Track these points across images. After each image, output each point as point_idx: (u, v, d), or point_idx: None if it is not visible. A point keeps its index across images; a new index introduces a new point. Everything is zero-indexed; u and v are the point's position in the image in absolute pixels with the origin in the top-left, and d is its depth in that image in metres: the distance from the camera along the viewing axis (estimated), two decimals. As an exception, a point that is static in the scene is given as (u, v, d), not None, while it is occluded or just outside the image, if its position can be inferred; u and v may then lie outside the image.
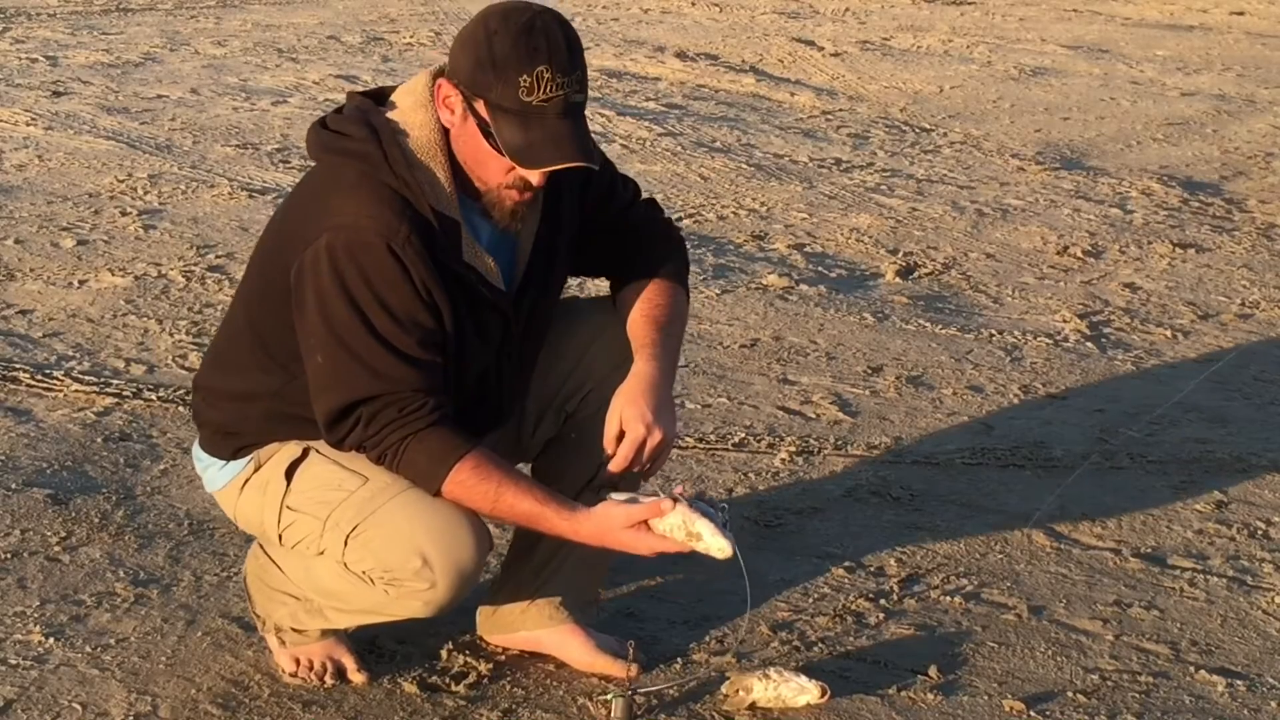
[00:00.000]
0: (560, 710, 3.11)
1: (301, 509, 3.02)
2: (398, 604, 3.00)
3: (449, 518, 2.92)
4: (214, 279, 5.53)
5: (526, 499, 2.87)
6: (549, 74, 2.80)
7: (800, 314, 5.51)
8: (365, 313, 2.83)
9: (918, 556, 3.83)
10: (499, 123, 2.82)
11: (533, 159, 2.83)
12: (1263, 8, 13.01)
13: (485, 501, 2.87)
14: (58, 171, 6.80)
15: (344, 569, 3.00)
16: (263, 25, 10.53)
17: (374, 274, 2.83)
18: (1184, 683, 3.32)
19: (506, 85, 2.80)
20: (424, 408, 2.84)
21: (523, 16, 2.83)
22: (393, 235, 2.82)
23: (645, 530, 2.85)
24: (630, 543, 2.86)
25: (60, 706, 3.04)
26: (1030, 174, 7.59)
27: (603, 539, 2.88)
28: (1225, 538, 3.99)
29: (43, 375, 4.63)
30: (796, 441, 4.44)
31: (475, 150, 2.89)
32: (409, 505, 2.92)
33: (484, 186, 2.92)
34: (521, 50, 2.79)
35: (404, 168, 2.87)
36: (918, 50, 10.73)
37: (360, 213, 2.84)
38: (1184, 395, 4.90)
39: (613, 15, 11.55)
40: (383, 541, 2.94)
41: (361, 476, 2.96)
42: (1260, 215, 7.07)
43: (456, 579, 2.94)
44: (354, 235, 2.83)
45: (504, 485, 2.86)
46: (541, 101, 2.80)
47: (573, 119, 2.85)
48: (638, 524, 2.84)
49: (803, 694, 3.10)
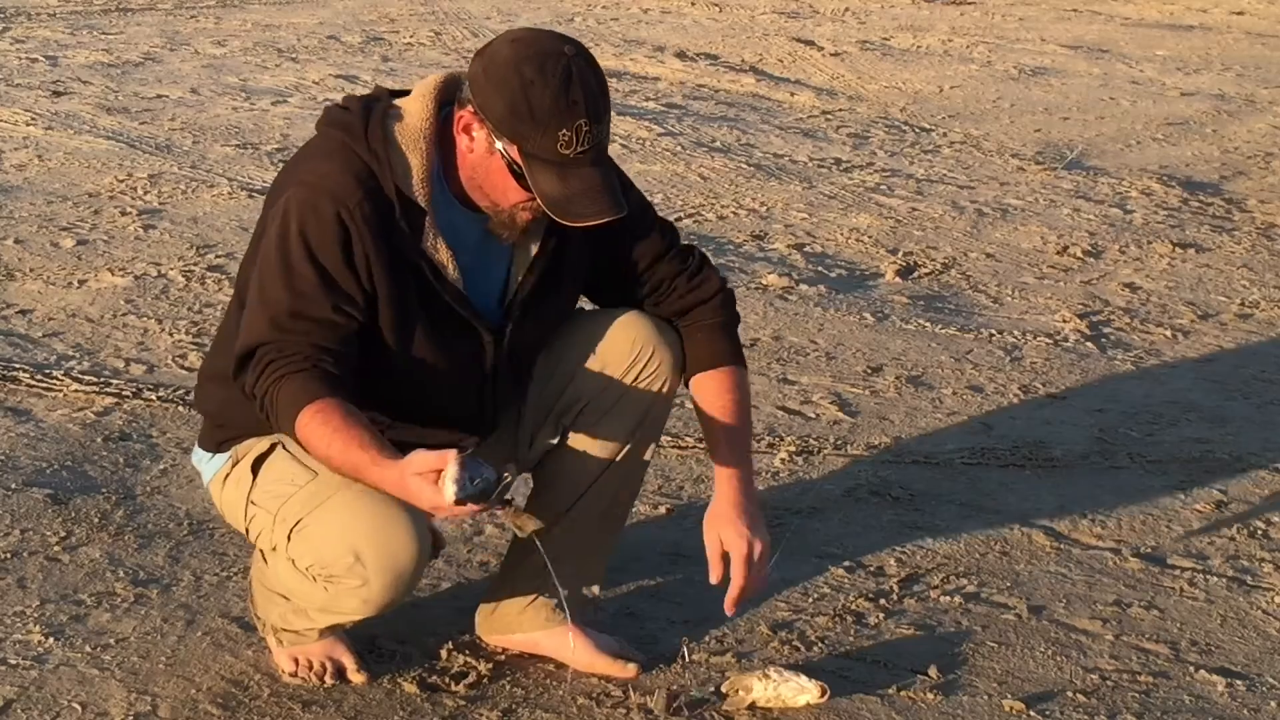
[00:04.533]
0: (560, 710, 3.11)
1: (260, 503, 3.05)
2: (338, 602, 3.00)
3: (386, 516, 2.91)
4: (214, 279, 5.53)
5: (354, 447, 2.78)
6: (587, 127, 2.83)
7: (800, 314, 5.51)
8: (293, 265, 2.87)
9: (918, 556, 3.83)
10: (534, 171, 2.85)
11: (572, 214, 2.87)
12: (1263, 8, 13.01)
13: (322, 445, 2.81)
14: (57, 171, 6.80)
15: (292, 565, 3.03)
16: (263, 25, 10.53)
17: (314, 232, 2.87)
18: (1184, 683, 3.32)
19: (545, 138, 2.82)
20: (305, 357, 2.84)
21: (559, 65, 2.83)
22: (346, 200, 2.87)
23: (432, 485, 2.69)
24: (415, 491, 2.72)
25: (60, 706, 3.04)
26: (1030, 174, 7.60)
27: (400, 485, 2.75)
28: (1225, 538, 3.99)
29: (43, 375, 4.63)
30: (796, 441, 4.44)
31: (496, 179, 2.91)
32: (349, 503, 2.92)
33: (494, 207, 2.95)
34: (561, 105, 2.81)
35: (380, 144, 2.91)
36: (918, 50, 10.73)
37: (325, 174, 2.90)
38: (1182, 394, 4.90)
39: (612, 15, 11.55)
40: (320, 537, 2.96)
41: (311, 472, 2.98)
42: (1260, 215, 7.07)
43: (390, 577, 2.93)
44: (310, 194, 2.89)
45: (339, 432, 2.79)
46: (579, 153, 2.84)
47: (604, 165, 2.89)
48: (426, 474, 2.70)
49: (802, 694, 3.11)
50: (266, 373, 2.85)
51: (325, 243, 2.87)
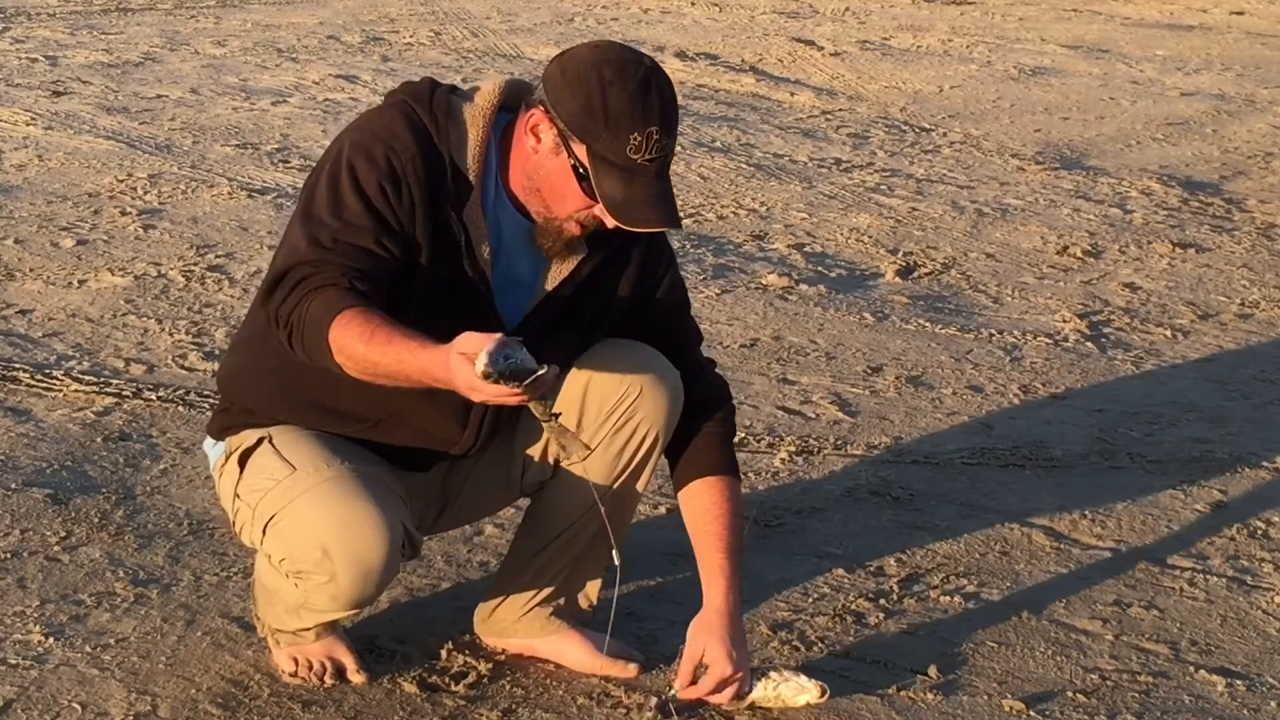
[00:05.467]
0: (560, 710, 3.11)
1: (243, 497, 3.05)
2: (310, 598, 3.00)
3: (355, 510, 2.90)
4: (214, 279, 5.53)
5: (396, 339, 2.73)
6: (658, 135, 2.83)
7: (800, 314, 5.51)
8: (342, 195, 2.86)
9: (918, 556, 3.83)
10: (600, 173, 2.85)
11: (633, 217, 2.86)
12: (1263, 8, 13.01)
13: (361, 343, 2.73)
14: (57, 171, 6.80)
15: (268, 560, 3.03)
16: (263, 25, 10.53)
17: (365, 170, 2.87)
18: (1184, 682, 3.32)
19: (616, 139, 2.82)
20: (341, 273, 2.80)
21: (638, 73, 2.84)
22: (400, 149, 2.88)
23: (470, 364, 2.63)
24: (455, 368, 2.65)
25: (60, 706, 3.04)
26: (1030, 174, 7.59)
27: (444, 364, 2.68)
28: (1225, 538, 3.99)
29: (43, 375, 4.63)
30: (796, 441, 4.44)
31: (556, 182, 2.91)
32: (321, 497, 2.92)
33: (546, 214, 2.94)
34: (637, 108, 2.82)
35: (442, 112, 2.92)
36: (918, 50, 10.73)
37: (384, 124, 2.91)
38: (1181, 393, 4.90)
39: (612, 15, 11.55)
40: (292, 531, 2.96)
41: (290, 466, 2.98)
42: (1260, 215, 7.07)
43: (357, 572, 2.91)
44: (366, 138, 2.90)
45: (380, 328, 2.74)
46: (646, 161, 2.84)
47: (666, 179, 2.89)
48: (469, 353, 2.63)
49: (802, 694, 3.11)
50: (299, 288, 2.80)
51: (376, 180, 2.86)
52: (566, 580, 3.26)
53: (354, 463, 2.98)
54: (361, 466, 2.99)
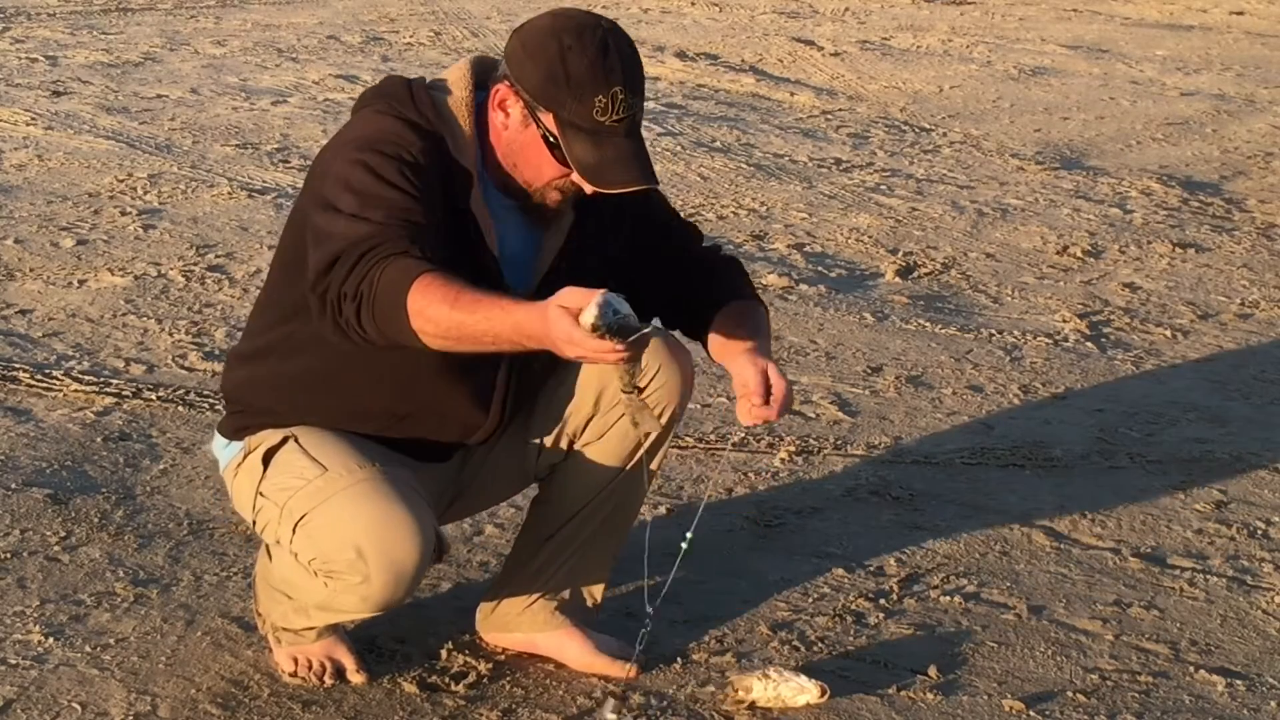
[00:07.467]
0: (560, 710, 3.11)
1: (269, 495, 3.04)
2: (338, 598, 2.99)
3: (390, 513, 2.90)
4: (214, 279, 5.53)
5: (483, 299, 2.69)
6: (622, 95, 2.83)
7: (800, 314, 5.51)
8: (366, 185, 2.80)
9: (918, 556, 3.83)
10: (569, 139, 2.85)
11: (605, 179, 2.86)
12: (1263, 8, 13.01)
13: (446, 305, 2.68)
14: (57, 171, 6.80)
15: (294, 559, 3.02)
16: (262, 25, 10.53)
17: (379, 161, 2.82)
18: (1184, 683, 3.32)
19: (581, 104, 2.82)
20: (409, 242, 2.75)
21: (596, 35, 2.85)
22: (408, 146, 2.85)
23: (571, 318, 2.60)
24: (554, 320, 2.61)
25: (60, 706, 3.04)
26: (1030, 174, 7.59)
27: (542, 317, 2.64)
28: (1225, 538, 3.99)
29: (42, 375, 4.63)
30: (796, 441, 4.44)
31: (530, 154, 2.91)
32: (356, 499, 2.92)
33: (528, 185, 2.95)
34: (599, 71, 2.82)
35: (430, 110, 2.91)
36: (918, 50, 10.73)
37: (382, 128, 2.87)
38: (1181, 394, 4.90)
39: (612, 15, 11.54)
40: (325, 531, 2.95)
41: (321, 467, 2.97)
42: (1260, 215, 7.07)
43: (390, 574, 2.91)
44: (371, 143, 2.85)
45: (464, 291, 2.69)
46: (614, 122, 2.84)
47: (637, 138, 2.89)
48: (571, 308, 2.60)
49: (802, 694, 3.11)
50: (365, 260, 2.73)
51: (397, 168, 2.82)
52: (572, 572, 3.26)
53: (384, 464, 2.99)
54: (391, 469, 2.99)
